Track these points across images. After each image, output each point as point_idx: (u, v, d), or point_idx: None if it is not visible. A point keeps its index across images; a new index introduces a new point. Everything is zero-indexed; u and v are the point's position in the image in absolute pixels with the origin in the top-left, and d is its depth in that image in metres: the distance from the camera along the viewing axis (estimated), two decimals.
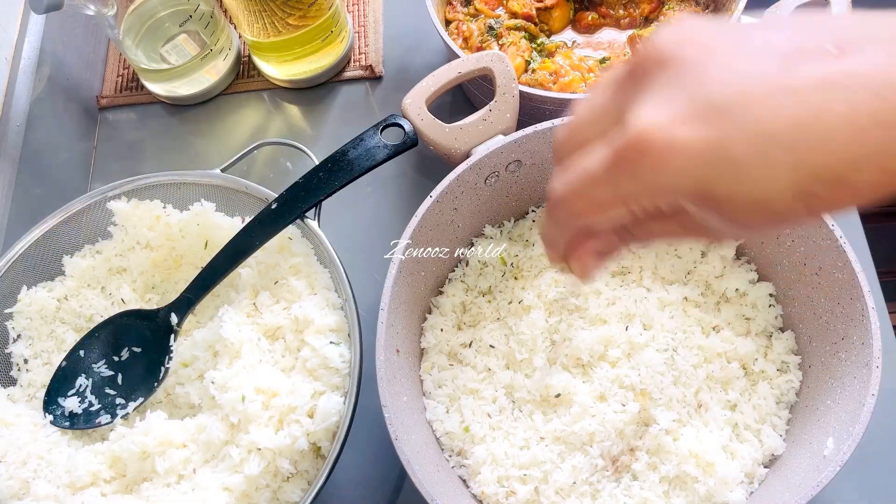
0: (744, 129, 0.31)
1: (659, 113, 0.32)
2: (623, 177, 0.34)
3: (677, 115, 0.32)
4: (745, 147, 0.31)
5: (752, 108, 0.31)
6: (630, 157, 0.33)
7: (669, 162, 0.32)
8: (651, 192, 0.34)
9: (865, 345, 0.59)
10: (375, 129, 0.71)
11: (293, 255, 0.71)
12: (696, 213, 0.35)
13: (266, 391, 0.63)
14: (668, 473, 0.62)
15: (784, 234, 0.67)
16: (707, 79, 0.32)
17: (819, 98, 0.30)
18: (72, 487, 0.64)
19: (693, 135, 0.31)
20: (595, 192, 0.36)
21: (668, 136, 0.32)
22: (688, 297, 0.70)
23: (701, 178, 0.32)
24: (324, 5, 0.86)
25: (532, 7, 0.87)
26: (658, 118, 0.32)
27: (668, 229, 0.39)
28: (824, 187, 0.31)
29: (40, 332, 0.74)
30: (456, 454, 0.67)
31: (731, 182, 0.32)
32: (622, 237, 0.41)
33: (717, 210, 0.33)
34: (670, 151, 0.32)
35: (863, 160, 0.30)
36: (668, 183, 0.33)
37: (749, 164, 0.31)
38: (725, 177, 0.32)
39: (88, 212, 0.76)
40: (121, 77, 1.00)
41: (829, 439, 0.58)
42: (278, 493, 0.62)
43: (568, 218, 0.38)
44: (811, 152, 0.30)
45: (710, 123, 0.31)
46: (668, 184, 0.33)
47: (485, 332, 0.71)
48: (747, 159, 0.31)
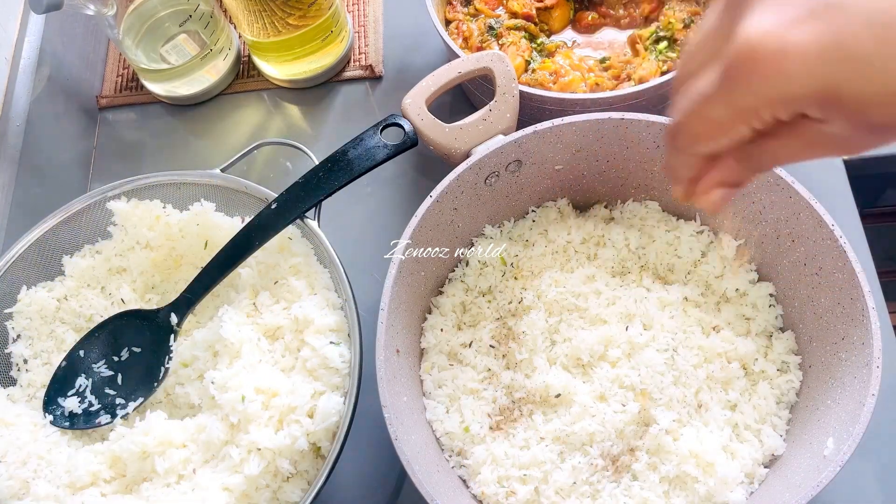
0: (864, 21, 0.29)
1: (767, 19, 0.31)
2: (737, 91, 0.33)
3: (787, 18, 0.31)
4: (868, 39, 0.29)
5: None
6: (742, 68, 0.32)
7: (785, 68, 0.31)
8: (770, 102, 0.32)
9: (866, 345, 0.59)
10: (375, 128, 0.71)
11: (293, 255, 0.71)
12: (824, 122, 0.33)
13: (266, 391, 0.63)
14: (669, 473, 0.62)
15: (784, 235, 0.67)
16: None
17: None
18: (72, 487, 0.64)
19: (808, 35, 0.30)
20: (711, 111, 0.34)
21: (779, 41, 0.31)
22: (688, 297, 0.70)
23: (824, 79, 0.30)
24: (324, 5, 0.86)
25: (532, 7, 0.87)
26: (766, 24, 0.31)
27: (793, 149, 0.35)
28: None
29: (40, 332, 0.74)
30: (456, 454, 0.67)
31: (859, 78, 0.30)
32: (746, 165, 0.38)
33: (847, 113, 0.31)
34: (784, 56, 0.31)
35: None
36: (788, 91, 0.31)
37: (876, 55, 0.29)
38: (852, 74, 0.30)
39: (88, 212, 0.76)
40: (121, 77, 1.00)
41: (829, 439, 0.58)
42: (278, 493, 0.62)
43: (688, 143, 0.37)
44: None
45: (824, 21, 0.30)
46: (788, 92, 0.31)
47: (485, 332, 0.71)
48: (873, 51, 0.29)
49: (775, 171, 0.65)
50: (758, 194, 0.68)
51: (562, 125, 0.68)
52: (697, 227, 0.74)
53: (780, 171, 0.65)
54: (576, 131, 0.69)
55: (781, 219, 0.67)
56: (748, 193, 0.68)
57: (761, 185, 0.67)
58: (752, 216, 0.69)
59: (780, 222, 0.67)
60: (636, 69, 0.82)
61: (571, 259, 0.73)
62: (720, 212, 0.43)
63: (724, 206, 0.41)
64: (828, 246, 0.63)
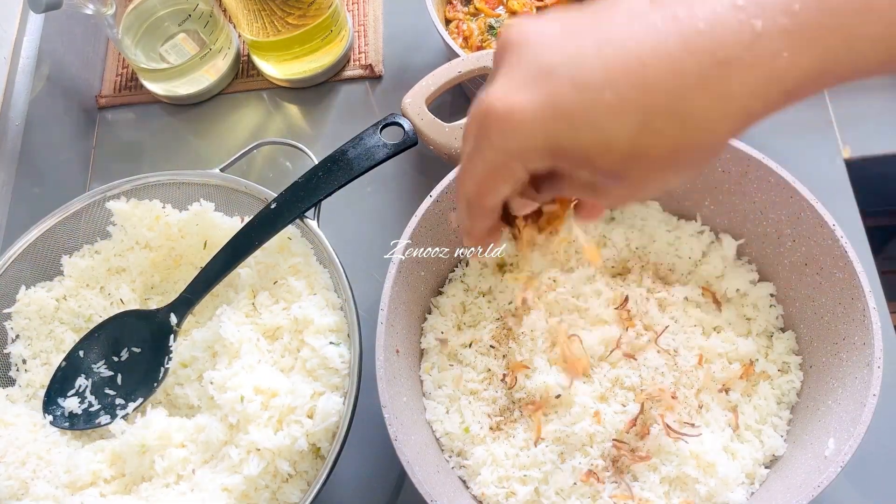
0: (569, 84, 0.34)
1: (499, 86, 0.36)
2: (482, 149, 0.37)
3: (513, 85, 0.36)
4: (573, 98, 0.34)
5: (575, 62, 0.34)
6: (482, 128, 0.37)
7: (513, 124, 0.35)
8: (511, 155, 0.37)
9: (866, 345, 0.59)
10: (375, 128, 0.71)
11: (293, 255, 0.71)
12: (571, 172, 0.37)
13: (265, 391, 0.63)
14: (669, 474, 0.62)
15: (785, 235, 0.67)
16: (539, 51, 0.36)
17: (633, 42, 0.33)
18: (71, 487, 0.64)
19: (527, 97, 0.35)
20: (473, 168, 0.39)
21: (505, 102, 0.35)
22: (688, 298, 0.70)
23: (546, 134, 0.35)
24: (323, 4, 0.86)
25: (532, 7, 0.86)
26: (498, 90, 0.36)
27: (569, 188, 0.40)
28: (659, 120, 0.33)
29: (39, 332, 0.73)
30: (456, 455, 0.67)
31: (572, 132, 0.34)
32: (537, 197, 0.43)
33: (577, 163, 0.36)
34: (511, 114, 0.35)
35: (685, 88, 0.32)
36: (521, 144, 0.36)
37: (581, 112, 0.34)
38: (566, 128, 0.34)
39: (87, 212, 0.76)
40: (120, 76, 1.00)
41: (830, 440, 0.58)
42: (278, 493, 0.62)
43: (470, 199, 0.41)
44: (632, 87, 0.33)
45: (540, 85, 0.35)
46: (521, 145, 0.36)
47: (485, 333, 0.71)
48: (578, 109, 0.34)
49: (776, 171, 0.65)
50: (759, 194, 0.68)
51: None
52: (698, 227, 0.73)
53: (782, 171, 0.65)
54: None
55: (782, 219, 0.67)
56: (749, 193, 0.68)
57: (762, 185, 0.67)
58: (753, 216, 0.69)
59: (781, 222, 0.67)
60: None
61: (571, 259, 0.73)
62: None
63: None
64: (829, 246, 0.63)
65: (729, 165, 0.68)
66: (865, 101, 0.86)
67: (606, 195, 0.38)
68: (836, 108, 0.86)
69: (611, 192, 0.38)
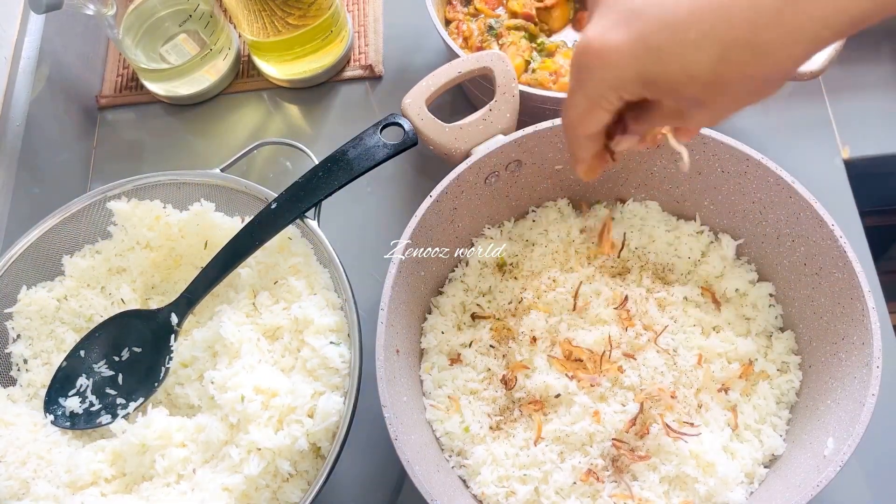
0: (657, 23, 0.39)
1: (593, 28, 0.42)
2: (583, 82, 0.43)
3: (608, 25, 0.41)
4: (660, 35, 0.39)
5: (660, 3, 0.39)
6: (580, 65, 0.43)
7: (608, 60, 0.41)
8: (608, 86, 0.42)
9: (866, 345, 0.59)
10: (375, 128, 0.71)
11: (293, 255, 0.71)
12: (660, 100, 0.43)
13: (266, 391, 0.63)
14: (669, 473, 0.62)
15: (784, 234, 0.67)
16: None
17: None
18: (71, 487, 0.64)
19: (620, 36, 0.41)
20: (574, 101, 0.45)
21: (600, 41, 0.41)
22: (688, 297, 0.70)
23: (638, 67, 0.41)
24: (323, 5, 0.86)
25: (532, 7, 0.87)
26: (592, 31, 0.42)
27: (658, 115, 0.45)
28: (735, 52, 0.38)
29: (40, 332, 0.74)
30: (456, 454, 0.67)
31: (661, 65, 0.40)
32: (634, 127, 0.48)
33: (665, 91, 0.41)
34: (605, 51, 0.41)
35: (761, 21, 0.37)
36: (617, 76, 0.42)
37: (667, 47, 0.39)
38: (655, 62, 0.40)
39: (88, 212, 0.76)
40: (120, 77, 1.00)
41: (829, 439, 0.58)
42: (278, 493, 0.62)
43: (573, 129, 0.47)
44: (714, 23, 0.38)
45: (631, 24, 0.40)
46: (617, 77, 0.42)
47: (485, 332, 0.71)
48: (665, 44, 0.39)
49: (775, 171, 0.65)
50: (758, 194, 0.68)
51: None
52: (697, 226, 0.74)
53: (781, 171, 0.65)
54: None
55: (781, 219, 0.67)
56: (748, 193, 0.68)
57: (761, 185, 0.67)
58: (753, 216, 0.69)
59: (780, 222, 0.67)
60: None
61: (571, 259, 0.73)
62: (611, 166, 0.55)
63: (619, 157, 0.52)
64: (828, 246, 0.63)
65: (728, 165, 0.68)
66: (864, 101, 0.87)
67: (691, 119, 0.44)
68: (835, 108, 0.86)
69: (695, 116, 0.43)
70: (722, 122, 0.44)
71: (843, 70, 0.86)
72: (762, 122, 0.86)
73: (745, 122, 0.86)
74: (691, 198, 0.73)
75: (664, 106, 0.44)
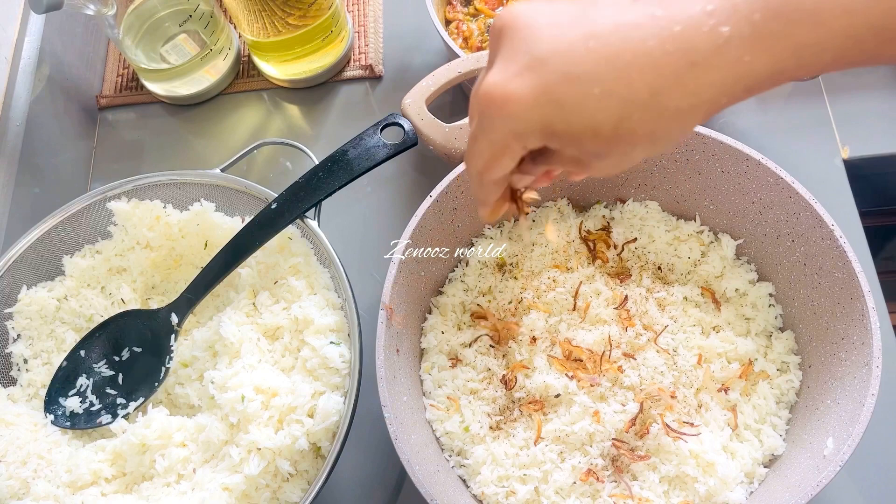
0: (560, 75, 0.38)
1: (496, 74, 0.40)
2: (486, 129, 0.42)
3: (509, 73, 0.40)
4: (564, 88, 0.38)
5: (565, 55, 0.38)
6: (482, 112, 0.41)
7: (510, 109, 0.40)
8: (512, 136, 0.41)
9: (865, 345, 0.59)
10: (375, 128, 0.71)
11: (293, 255, 0.71)
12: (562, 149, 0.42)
13: (266, 391, 0.63)
14: (668, 473, 0.62)
15: (784, 234, 0.67)
16: (532, 40, 0.39)
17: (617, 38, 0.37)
18: (72, 487, 0.64)
19: (523, 84, 0.39)
20: (477, 147, 0.44)
21: (502, 90, 0.40)
22: (687, 297, 0.70)
23: (540, 118, 0.39)
24: (324, 5, 0.86)
25: None
26: (495, 77, 0.40)
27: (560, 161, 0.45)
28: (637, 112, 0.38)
29: (40, 331, 0.74)
30: (456, 454, 0.67)
31: (562, 117, 0.39)
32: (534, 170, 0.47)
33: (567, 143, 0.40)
34: (507, 101, 0.40)
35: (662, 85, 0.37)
36: (519, 127, 0.40)
37: (571, 101, 0.38)
38: (557, 114, 0.39)
39: (88, 212, 0.76)
40: (121, 77, 1.00)
41: (828, 439, 0.58)
42: (278, 492, 0.62)
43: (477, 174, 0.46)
44: (616, 82, 0.37)
45: (536, 73, 0.39)
46: (519, 128, 0.40)
47: (485, 333, 0.71)
48: (569, 98, 0.38)
49: (775, 171, 0.65)
50: (758, 194, 0.68)
51: None
52: (697, 226, 0.74)
53: (780, 171, 0.65)
54: None
55: (781, 219, 0.67)
56: (748, 193, 0.68)
57: (761, 185, 0.67)
58: (753, 216, 0.69)
59: (780, 222, 0.67)
60: None
61: (571, 259, 0.73)
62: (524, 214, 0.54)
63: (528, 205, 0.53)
64: (828, 246, 0.63)
65: (728, 165, 0.68)
66: (864, 101, 0.87)
67: (591, 168, 0.44)
68: (834, 108, 0.86)
69: (594, 165, 0.43)
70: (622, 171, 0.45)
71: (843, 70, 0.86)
72: (762, 122, 0.86)
73: (745, 122, 0.86)
74: (691, 198, 0.73)
75: (565, 154, 0.43)
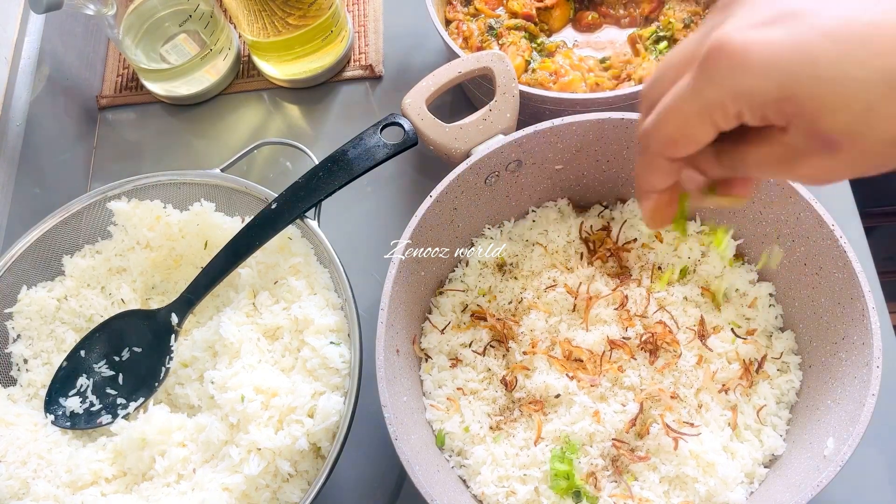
0: (822, 32, 0.32)
1: (738, 22, 0.34)
2: (706, 83, 0.35)
3: (755, 21, 0.33)
4: (823, 48, 0.32)
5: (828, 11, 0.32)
6: (711, 61, 0.34)
7: (748, 61, 0.33)
8: (734, 94, 0.34)
9: (866, 345, 0.59)
10: (375, 128, 0.71)
11: (293, 255, 0.71)
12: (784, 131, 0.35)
13: (266, 391, 0.63)
14: (669, 473, 0.62)
15: (784, 234, 0.67)
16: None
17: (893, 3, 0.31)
18: (72, 487, 0.64)
19: (770, 36, 0.33)
20: (683, 106, 0.36)
21: (744, 38, 0.33)
22: (688, 297, 0.70)
23: (781, 78, 0.32)
24: (324, 5, 0.86)
25: (532, 7, 0.87)
26: (736, 25, 0.34)
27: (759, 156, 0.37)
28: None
29: (40, 332, 0.74)
30: (456, 454, 0.67)
31: (812, 82, 0.32)
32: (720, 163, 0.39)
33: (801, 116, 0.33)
34: (749, 50, 0.33)
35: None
36: (752, 84, 0.33)
37: (827, 61, 0.32)
38: (806, 77, 0.32)
39: (88, 212, 0.76)
40: (121, 77, 1.00)
41: (829, 439, 0.58)
42: (278, 493, 0.62)
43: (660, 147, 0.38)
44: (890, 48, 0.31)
45: (788, 26, 0.33)
46: (751, 85, 0.33)
47: (485, 332, 0.71)
48: (826, 57, 0.32)
49: None
50: (758, 194, 0.68)
51: (562, 125, 0.68)
52: (697, 227, 0.74)
53: None
54: (576, 131, 0.69)
55: (781, 219, 0.67)
56: None
57: (761, 185, 0.67)
58: (752, 216, 0.69)
59: (780, 222, 0.67)
60: (636, 69, 0.82)
61: (571, 259, 0.73)
62: None
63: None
64: (828, 246, 0.63)
65: None
66: None
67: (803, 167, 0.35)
68: None
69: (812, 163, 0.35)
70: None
71: None
72: None
73: None
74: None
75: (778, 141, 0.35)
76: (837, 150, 0.33)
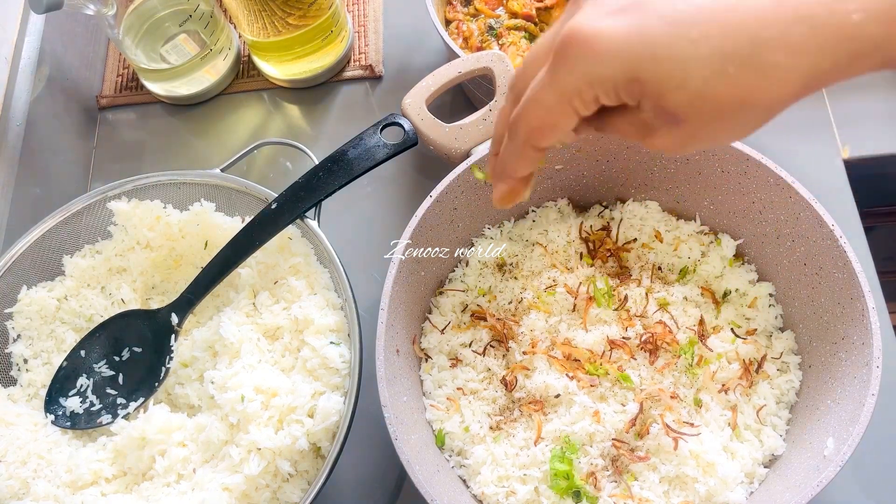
0: (659, 17, 0.35)
1: (587, 14, 0.37)
2: (561, 72, 0.38)
3: (602, 12, 0.37)
4: (660, 30, 0.35)
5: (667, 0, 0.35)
6: (563, 52, 0.37)
7: (597, 48, 0.36)
8: (588, 81, 0.37)
9: (865, 345, 0.59)
10: (375, 128, 0.71)
11: (293, 255, 0.71)
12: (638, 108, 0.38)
13: (266, 391, 0.63)
14: (668, 473, 0.62)
15: (784, 234, 0.67)
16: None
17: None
18: (72, 487, 0.64)
19: (615, 24, 0.36)
20: (543, 95, 0.39)
21: (593, 27, 0.36)
22: (688, 297, 0.70)
23: (628, 62, 0.36)
24: (324, 5, 0.86)
25: (532, 7, 0.87)
26: (585, 16, 0.37)
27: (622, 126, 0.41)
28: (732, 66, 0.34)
29: (40, 332, 0.74)
30: (456, 454, 0.67)
31: (654, 63, 0.35)
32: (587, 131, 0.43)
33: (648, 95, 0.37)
34: (596, 38, 0.36)
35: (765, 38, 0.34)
36: (602, 70, 0.37)
37: (664, 45, 0.35)
38: (648, 59, 0.36)
39: (88, 212, 0.76)
40: (121, 77, 1.00)
41: (829, 439, 0.58)
42: (278, 493, 0.62)
43: (527, 136, 0.41)
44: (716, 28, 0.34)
45: (630, 15, 0.36)
46: (602, 71, 0.37)
47: (485, 332, 0.71)
48: (663, 41, 0.35)
49: (775, 171, 0.65)
50: (758, 194, 0.68)
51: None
52: (697, 226, 0.74)
53: (781, 171, 0.65)
54: None
55: (781, 219, 0.67)
56: (748, 193, 0.68)
57: (761, 185, 0.67)
58: (753, 216, 0.69)
59: (780, 222, 0.67)
60: None
61: (571, 259, 0.73)
62: None
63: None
64: (828, 246, 0.63)
65: (728, 165, 0.68)
66: (864, 101, 0.86)
67: (657, 138, 0.39)
68: (835, 108, 0.86)
69: (663, 135, 0.39)
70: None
71: None
72: None
73: None
74: (691, 198, 0.73)
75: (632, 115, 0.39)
76: (682, 124, 0.37)
